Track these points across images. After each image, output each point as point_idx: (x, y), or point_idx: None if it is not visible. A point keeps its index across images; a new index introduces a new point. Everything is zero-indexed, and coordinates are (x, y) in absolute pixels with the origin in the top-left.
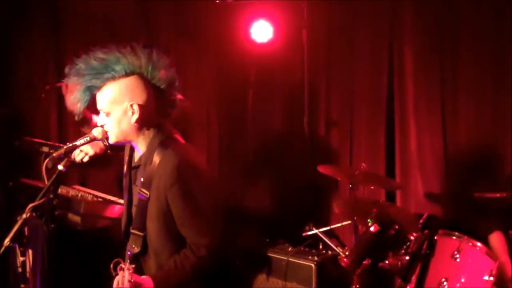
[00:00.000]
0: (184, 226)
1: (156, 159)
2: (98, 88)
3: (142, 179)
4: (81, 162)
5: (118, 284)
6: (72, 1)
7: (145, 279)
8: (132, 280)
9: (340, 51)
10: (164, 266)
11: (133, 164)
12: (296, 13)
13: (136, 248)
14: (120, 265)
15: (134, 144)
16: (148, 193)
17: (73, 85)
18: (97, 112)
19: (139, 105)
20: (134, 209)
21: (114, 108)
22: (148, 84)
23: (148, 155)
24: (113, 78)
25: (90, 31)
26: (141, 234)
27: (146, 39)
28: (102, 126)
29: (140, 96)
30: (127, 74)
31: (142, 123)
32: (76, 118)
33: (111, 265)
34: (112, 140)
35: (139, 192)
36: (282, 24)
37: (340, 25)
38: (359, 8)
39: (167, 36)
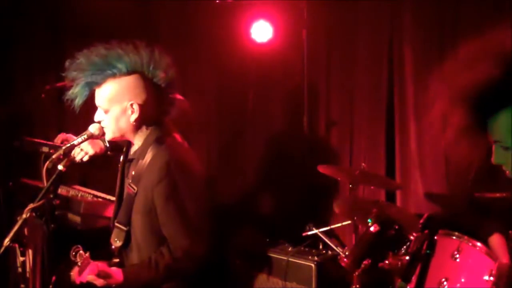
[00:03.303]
0: (165, 224)
1: (149, 155)
2: (98, 84)
3: (133, 173)
4: (81, 162)
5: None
6: (72, 1)
7: (115, 271)
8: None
9: (340, 51)
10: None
11: (128, 157)
12: (296, 13)
13: (118, 241)
14: (80, 252)
15: (131, 140)
16: (136, 188)
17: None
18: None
19: (139, 105)
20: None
21: (113, 106)
22: (149, 83)
23: (142, 150)
24: (114, 76)
25: (90, 31)
26: (124, 228)
27: (146, 39)
28: (99, 122)
29: (140, 96)
30: (128, 73)
31: (141, 122)
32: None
33: (71, 252)
34: (108, 136)
35: (129, 185)
36: (282, 24)
37: (340, 25)
38: (359, 8)
39: (167, 36)
